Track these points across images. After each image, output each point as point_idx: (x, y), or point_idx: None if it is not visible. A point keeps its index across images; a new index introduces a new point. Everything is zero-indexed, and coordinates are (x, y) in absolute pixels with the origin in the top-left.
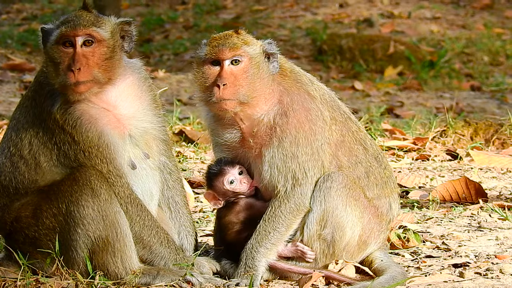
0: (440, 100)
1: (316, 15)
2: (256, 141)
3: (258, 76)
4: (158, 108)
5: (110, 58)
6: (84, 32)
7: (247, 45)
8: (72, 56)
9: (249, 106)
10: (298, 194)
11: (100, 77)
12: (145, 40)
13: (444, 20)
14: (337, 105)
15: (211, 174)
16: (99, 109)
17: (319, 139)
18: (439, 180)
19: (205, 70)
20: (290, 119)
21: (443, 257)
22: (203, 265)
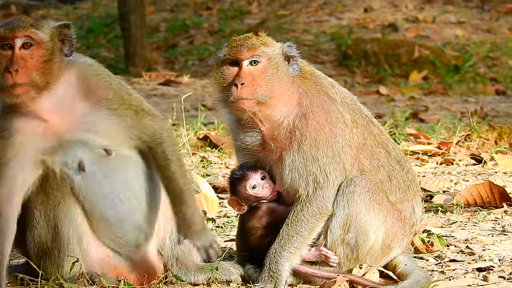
0: (465, 104)
1: (341, 20)
2: (276, 145)
3: (277, 76)
4: (112, 101)
5: (48, 60)
6: (23, 34)
7: (266, 46)
8: (10, 58)
9: (267, 107)
10: (320, 197)
11: (38, 80)
12: (170, 46)
13: (468, 24)
14: (358, 108)
15: (233, 180)
16: (31, 117)
17: (340, 141)
18: (463, 184)
19: (224, 71)
20: (309, 122)
21: (467, 261)
22: (231, 272)
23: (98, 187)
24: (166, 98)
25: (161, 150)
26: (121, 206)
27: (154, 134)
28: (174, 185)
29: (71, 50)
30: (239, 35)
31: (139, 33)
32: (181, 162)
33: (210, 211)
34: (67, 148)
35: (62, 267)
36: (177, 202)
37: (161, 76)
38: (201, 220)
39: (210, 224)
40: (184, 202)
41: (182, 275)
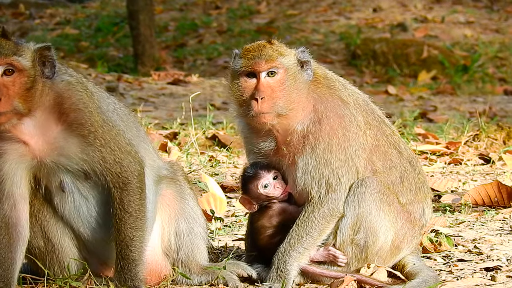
0: (474, 104)
1: (349, 19)
2: (289, 149)
3: (295, 87)
4: (84, 126)
5: (31, 88)
6: (5, 61)
7: (283, 56)
8: None
9: (286, 118)
10: (331, 199)
11: (20, 108)
12: (179, 45)
13: (477, 24)
14: (371, 109)
15: (245, 178)
16: (12, 139)
17: (353, 145)
18: (471, 184)
19: (241, 83)
20: (323, 127)
21: (475, 261)
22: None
23: (76, 207)
24: (175, 97)
25: (120, 197)
26: (97, 227)
27: (119, 175)
28: (121, 239)
29: (52, 72)
30: (248, 35)
31: (148, 32)
32: (138, 217)
33: (218, 210)
34: (48, 168)
35: (55, 270)
36: (119, 254)
37: (169, 75)
38: (138, 277)
39: (218, 223)
40: (125, 258)
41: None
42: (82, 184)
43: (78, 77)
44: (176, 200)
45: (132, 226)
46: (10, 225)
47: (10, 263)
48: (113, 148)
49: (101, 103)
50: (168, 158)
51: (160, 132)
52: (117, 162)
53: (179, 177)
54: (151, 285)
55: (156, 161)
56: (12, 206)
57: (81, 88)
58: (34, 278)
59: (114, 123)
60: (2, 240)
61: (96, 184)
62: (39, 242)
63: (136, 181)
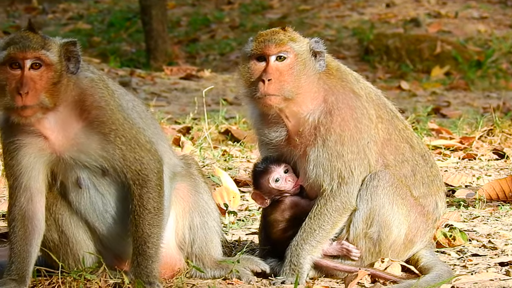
0: (487, 100)
1: (362, 15)
2: (301, 141)
3: (304, 73)
4: (105, 124)
5: (57, 82)
6: (33, 55)
7: (294, 41)
8: (19, 79)
9: (294, 103)
10: (344, 192)
11: (46, 102)
12: (191, 40)
13: (491, 19)
14: (383, 103)
15: (257, 173)
16: (33, 132)
17: (365, 138)
18: (485, 179)
19: (251, 66)
20: (334, 118)
21: (489, 256)
22: (244, 272)
23: (91, 203)
24: (187, 92)
25: (139, 194)
26: (112, 223)
27: (139, 173)
28: (139, 235)
29: (77, 67)
30: (261, 30)
31: (160, 27)
32: (156, 214)
33: (232, 204)
34: (66, 164)
35: (70, 263)
36: (136, 250)
37: (182, 70)
38: (153, 273)
39: (232, 217)
40: (142, 254)
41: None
42: (99, 181)
43: (99, 74)
44: (190, 194)
45: (150, 223)
46: (26, 218)
47: (25, 256)
48: (133, 146)
49: (121, 100)
50: (181, 152)
51: (173, 127)
52: (137, 159)
53: (193, 171)
54: (165, 278)
55: (172, 159)
56: (29, 199)
57: (103, 86)
58: (49, 271)
59: (134, 121)
60: (18, 233)
61: (113, 181)
62: (53, 235)
63: (156, 179)
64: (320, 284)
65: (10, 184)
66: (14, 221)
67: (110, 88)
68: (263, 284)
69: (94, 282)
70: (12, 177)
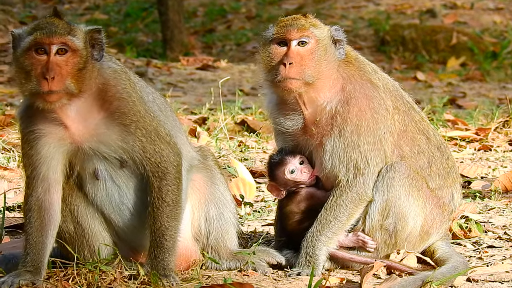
0: (503, 91)
1: (378, 5)
2: (317, 130)
3: (324, 58)
4: (126, 115)
5: (82, 68)
6: (60, 41)
7: (315, 27)
8: (45, 64)
9: (313, 89)
10: (360, 183)
11: (72, 87)
12: (208, 31)
13: (507, 10)
14: (400, 95)
15: (272, 165)
16: (54, 121)
17: (381, 128)
18: (501, 170)
19: (272, 50)
20: (351, 108)
21: (505, 247)
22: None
23: (108, 195)
24: (204, 83)
25: (158, 186)
26: (128, 215)
27: (159, 165)
28: (157, 227)
29: (101, 55)
30: (274, 21)
31: (176, 18)
32: (174, 207)
33: (248, 195)
34: (85, 155)
35: (85, 255)
36: (154, 243)
37: (198, 61)
38: (169, 266)
39: (248, 208)
40: (160, 246)
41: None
42: (116, 173)
43: (122, 66)
44: (206, 185)
45: (169, 216)
46: (43, 209)
47: (41, 247)
48: (154, 138)
49: (142, 93)
50: (197, 143)
51: (189, 117)
52: (157, 152)
53: (209, 162)
54: (180, 270)
55: (190, 152)
56: (46, 189)
57: (125, 78)
58: (64, 262)
59: (155, 113)
60: (34, 224)
61: (130, 173)
62: (69, 226)
63: (175, 172)
64: (336, 275)
65: (28, 174)
66: (31, 211)
67: (132, 80)
68: (279, 276)
69: (110, 273)
70: (30, 167)
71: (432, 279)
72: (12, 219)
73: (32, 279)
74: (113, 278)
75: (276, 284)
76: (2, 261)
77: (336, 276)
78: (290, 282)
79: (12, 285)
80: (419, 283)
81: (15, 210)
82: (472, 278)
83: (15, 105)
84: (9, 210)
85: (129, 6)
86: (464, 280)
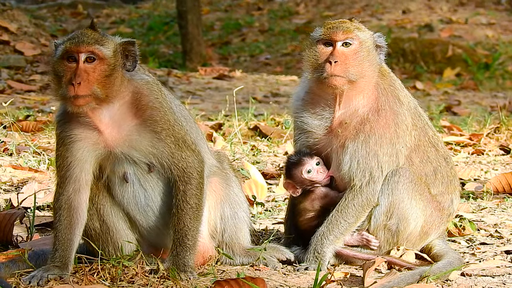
0: (495, 99)
1: (381, 20)
2: (343, 133)
3: (367, 59)
4: (158, 123)
5: (110, 75)
6: (87, 49)
7: (359, 30)
8: (74, 71)
9: (355, 88)
10: (371, 190)
11: (98, 92)
12: (224, 43)
13: (498, 25)
14: (418, 113)
15: (290, 164)
16: (88, 126)
17: (401, 142)
18: (493, 173)
19: (318, 50)
20: (380, 118)
21: (496, 244)
22: (270, 260)
23: (134, 197)
24: (220, 91)
25: (183, 189)
26: (152, 215)
27: (185, 170)
28: (180, 227)
29: (134, 66)
30: (287, 34)
31: (195, 31)
32: (197, 210)
33: (260, 196)
34: (116, 159)
35: (110, 251)
36: (177, 241)
37: (215, 71)
38: (190, 263)
39: (259, 208)
40: (182, 245)
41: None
42: (144, 176)
43: (154, 78)
44: (222, 187)
45: (192, 217)
46: (72, 208)
47: (68, 244)
48: (181, 146)
49: (172, 104)
50: (214, 147)
51: (206, 123)
52: (183, 158)
53: (225, 165)
54: (197, 264)
55: (210, 159)
56: (77, 190)
57: (157, 89)
58: (89, 258)
59: (182, 123)
60: (63, 222)
61: (157, 177)
62: (95, 224)
63: (199, 177)
64: (341, 270)
65: (61, 174)
66: (61, 210)
67: (163, 92)
68: (288, 271)
69: (132, 268)
70: (64, 168)
71: (429, 273)
72: (42, 217)
73: (60, 273)
74: (135, 273)
75: (286, 278)
76: (32, 257)
77: (340, 271)
78: (298, 276)
79: (41, 279)
80: (417, 277)
81: (44, 209)
82: (466, 273)
83: (45, 112)
84: (39, 209)
85: (151, 20)
86: (458, 274)
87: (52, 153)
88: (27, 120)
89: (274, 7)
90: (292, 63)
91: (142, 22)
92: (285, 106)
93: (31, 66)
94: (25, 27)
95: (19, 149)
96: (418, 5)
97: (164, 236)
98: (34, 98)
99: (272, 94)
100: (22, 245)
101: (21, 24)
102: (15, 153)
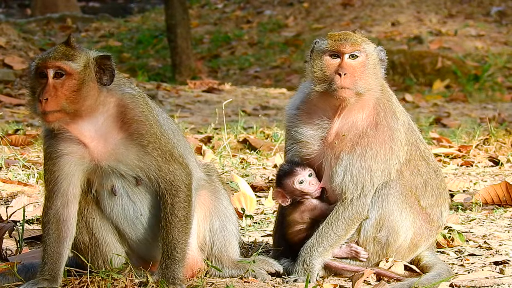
0: (484, 111)
1: (370, 32)
2: (340, 145)
3: (373, 72)
4: (144, 137)
5: (78, 90)
6: (54, 65)
7: (366, 43)
8: (43, 87)
9: (362, 99)
10: (361, 203)
11: (67, 107)
12: (213, 56)
13: (487, 37)
14: (411, 128)
15: (282, 173)
16: (73, 140)
17: (394, 159)
18: (481, 184)
19: (325, 62)
20: (378, 133)
21: (485, 255)
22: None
23: (123, 210)
24: (209, 104)
25: (171, 202)
26: (141, 228)
27: (172, 183)
28: (169, 240)
29: (111, 80)
30: (277, 47)
31: (185, 45)
32: (185, 222)
33: (249, 208)
34: (104, 172)
35: (99, 264)
36: (166, 254)
37: (204, 84)
38: (179, 276)
39: (248, 220)
40: (171, 258)
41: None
42: (132, 189)
43: (140, 91)
44: (211, 200)
45: (180, 230)
46: (61, 222)
47: (57, 257)
48: (168, 159)
49: (159, 117)
50: (203, 160)
51: (196, 136)
52: (171, 171)
53: (214, 178)
54: (186, 277)
55: (198, 173)
56: (65, 204)
57: (143, 102)
58: (79, 271)
59: (169, 136)
60: (52, 235)
61: (145, 190)
62: (84, 237)
63: (186, 190)
64: (329, 282)
65: (49, 188)
66: (49, 223)
67: (150, 105)
68: (277, 283)
69: (121, 281)
70: (52, 182)
71: (418, 285)
72: (31, 231)
73: (50, 286)
74: (124, 286)
75: None
76: (21, 270)
77: (329, 283)
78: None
79: None
80: None
81: (33, 223)
82: (455, 284)
83: (35, 126)
84: (28, 223)
85: (141, 34)
86: (447, 285)
87: (41, 167)
88: (16, 134)
89: (264, 20)
90: (282, 76)
91: (131, 36)
92: (275, 119)
93: (20, 80)
94: (14, 41)
95: (8, 163)
96: (407, 17)
97: (153, 248)
98: (23, 112)
99: (261, 107)
100: (12, 258)
101: (10, 38)
102: (4, 167)
